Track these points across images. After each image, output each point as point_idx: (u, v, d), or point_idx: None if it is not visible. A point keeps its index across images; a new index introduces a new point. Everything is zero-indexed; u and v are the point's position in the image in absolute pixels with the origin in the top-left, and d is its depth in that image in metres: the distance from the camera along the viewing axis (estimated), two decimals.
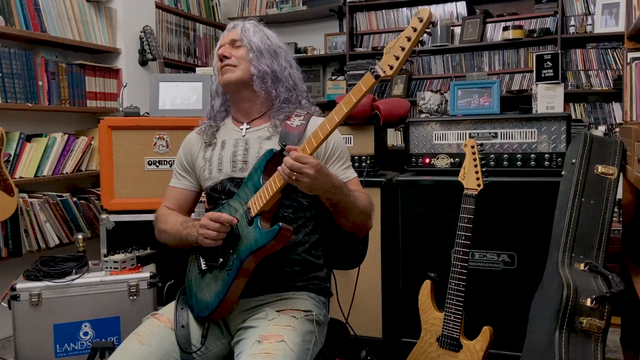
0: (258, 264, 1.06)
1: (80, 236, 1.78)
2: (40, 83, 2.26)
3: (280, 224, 1.00)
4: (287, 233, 1.01)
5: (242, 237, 1.05)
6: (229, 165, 1.16)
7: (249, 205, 1.06)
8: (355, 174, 1.21)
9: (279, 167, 0.99)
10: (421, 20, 0.89)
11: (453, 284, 1.48)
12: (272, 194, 1.02)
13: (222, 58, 1.17)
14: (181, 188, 1.26)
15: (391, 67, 0.91)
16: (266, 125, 1.18)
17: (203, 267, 1.13)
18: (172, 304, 1.17)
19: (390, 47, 0.92)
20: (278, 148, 1.10)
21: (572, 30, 3.08)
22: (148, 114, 2.05)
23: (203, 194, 1.28)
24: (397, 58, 0.91)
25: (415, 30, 0.90)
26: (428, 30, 0.91)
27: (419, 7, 0.94)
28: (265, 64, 1.15)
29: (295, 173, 0.97)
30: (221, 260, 1.07)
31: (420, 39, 0.91)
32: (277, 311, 1.08)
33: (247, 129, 1.19)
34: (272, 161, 1.08)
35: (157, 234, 1.24)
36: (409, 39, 0.90)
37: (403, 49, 0.90)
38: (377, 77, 0.93)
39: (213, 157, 1.19)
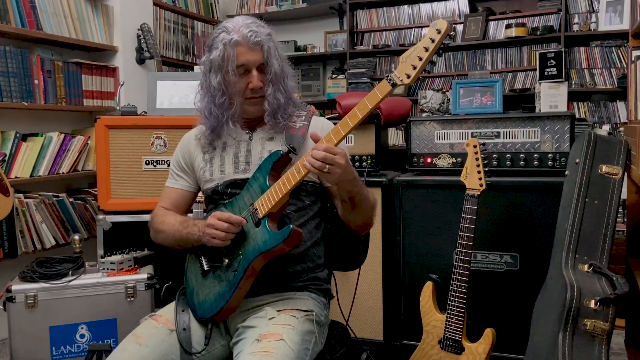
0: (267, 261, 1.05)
1: (76, 237, 1.77)
2: (36, 82, 2.24)
3: (291, 226, 1.00)
4: (297, 235, 1.01)
5: (249, 237, 1.04)
6: (231, 167, 1.16)
7: (255, 206, 1.06)
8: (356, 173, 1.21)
9: (306, 159, 0.99)
10: (439, 32, 0.91)
11: (455, 286, 1.47)
12: (282, 195, 1.02)
13: (256, 89, 1.10)
14: (178, 188, 1.24)
15: (408, 76, 0.93)
16: (267, 127, 1.17)
17: (206, 267, 1.11)
18: (171, 305, 1.16)
19: (407, 56, 0.93)
20: (282, 149, 1.10)
21: (575, 28, 3.05)
22: (145, 113, 2.04)
23: (200, 195, 1.27)
24: (415, 67, 0.92)
25: (433, 41, 0.91)
26: (447, 42, 0.93)
27: (438, 20, 0.96)
28: (280, 89, 1.12)
29: (327, 165, 0.96)
30: (227, 261, 1.06)
31: (438, 49, 0.93)
32: (278, 311, 1.07)
33: (247, 132, 1.18)
34: (277, 162, 1.07)
35: (154, 235, 1.22)
36: (426, 49, 0.92)
37: (421, 59, 0.92)
38: (393, 85, 0.94)
39: (214, 158, 1.18)
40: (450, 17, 3.37)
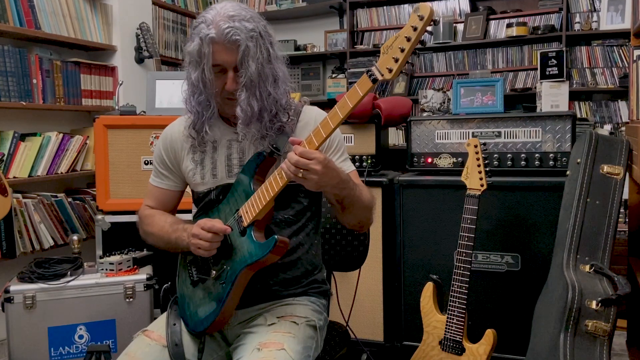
0: (255, 272, 1.02)
1: (75, 237, 1.76)
2: (34, 81, 2.23)
3: (276, 236, 0.95)
4: (283, 245, 0.96)
5: (235, 248, 1.01)
6: (224, 170, 1.10)
7: (240, 213, 1.02)
8: (354, 167, 1.14)
9: (282, 165, 0.93)
10: (422, 19, 0.82)
11: (456, 286, 1.46)
12: (266, 203, 0.97)
13: (231, 92, 1.02)
14: (164, 188, 1.18)
15: (390, 70, 0.84)
16: (258, 124, 1.06)
17: (195, 278, 1.09)
18: (163, 317, 1.12)
19: (388, 47, 0.85)
20: (265, 149, 1.04)
21: (577, 27, 3.04)
22: (144, 112, 2.03)
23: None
24: (397, 60, 0.84)
25: (415, 29, 0.82)
26: (429, 30, 0.84)
27: (420, 3, 0.87)
28: (255, 95, 1.01)
29: (301, 170, 0.90)
30: (214, 272, 1.04)
31: (421, 38, 0.84)
32: (277, 317, 1.05)
33: (234, 130, 1.09)
34: (261, 164, 1.03)
35: (143, 236, 1.18)
36: (408, 39, 0.83)
37: (402, 50, 0.83)
38: (374, 80, 0.86)
39: (205, 160, 1.11)
40: (451, 16, 3.36)
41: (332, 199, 1.02)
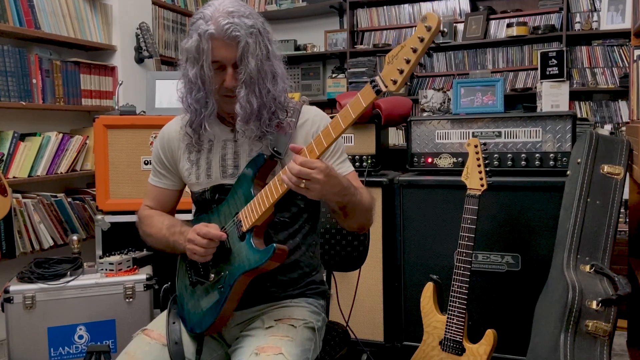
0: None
1: (75, 237, 1.76)
2: (34, 81, 2.23)
3: (274, 244, 0.95)
4: (281, 252, 0.96)
5: (234, 252, 1.00)
6: (218, 171, 1.09)
7: (239, 217, 1.01)
8: (352, 168, 1.13)
9: (282, 176, 0.92)
10: (429, 30, 0.78)
11: (456, 286, 1.46)
12: (266, 209, 0.96)
13: (230, 89, 1.00)
14: (162, 188, 1.18)
15: (394, 82, 0.82)
16: (257, 122, 1.04)
17: (194, 280, 1.09)
18: (163, 316, 1.12)
19: (393, 57, 0.82)
20: (265, 152, 1.02)
21: (577, 27, 3.04)
22: (144, 112, 2.03)
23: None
24: (401, 72, 0.81)
25: (422, 40, 0.79)
26: (441, 42, 0.83)
27: (426, 12, 0.83)
28: (254, 92, 1.00)
29: (303, 180, 0.89)
30: (213, 276, 1.03)
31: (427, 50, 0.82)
32: (275, 320, 1.04)
33: (231, 129, 1.09)
34: (261, 168, 1.01)
35: (143, 237, 1.18)
36: (414, 51, 0.80)
37: (408, 62, 0.80)
38: (378, 92, 0.85)
39: (200, 160, 1.10)
40: (451, 15, 3.36)
41: (334, 207, 1.00)
